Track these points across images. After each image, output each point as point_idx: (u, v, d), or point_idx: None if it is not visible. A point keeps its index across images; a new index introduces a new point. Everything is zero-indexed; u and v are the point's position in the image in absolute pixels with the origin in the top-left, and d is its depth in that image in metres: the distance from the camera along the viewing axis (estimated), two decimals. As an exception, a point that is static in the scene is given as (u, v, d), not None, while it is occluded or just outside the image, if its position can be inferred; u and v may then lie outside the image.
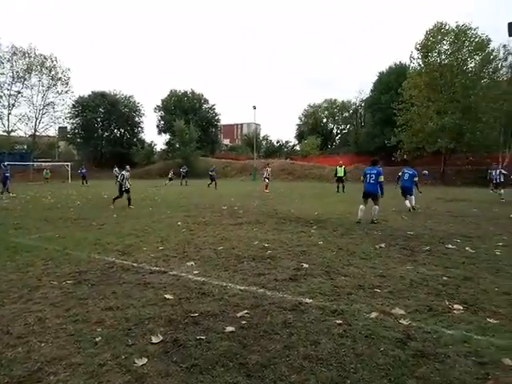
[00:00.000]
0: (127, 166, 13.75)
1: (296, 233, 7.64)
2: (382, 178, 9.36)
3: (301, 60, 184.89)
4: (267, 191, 20.76)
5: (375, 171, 9.46)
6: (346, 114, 69.19)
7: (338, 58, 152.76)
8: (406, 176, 12.77)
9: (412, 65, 36.95)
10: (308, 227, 8.35)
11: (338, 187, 21.90)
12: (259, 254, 5.68)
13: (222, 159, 51.87)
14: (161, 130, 59.87)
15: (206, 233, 7.57)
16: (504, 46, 35.23)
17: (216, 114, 61.28)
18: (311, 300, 3.67)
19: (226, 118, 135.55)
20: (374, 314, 3.28)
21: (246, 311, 3.36)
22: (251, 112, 69.13)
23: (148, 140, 61.57)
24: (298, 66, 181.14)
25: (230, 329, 2.99)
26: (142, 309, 3.44)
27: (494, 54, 32.91)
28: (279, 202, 14.48)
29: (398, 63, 46.50)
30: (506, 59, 35.12)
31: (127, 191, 12.73)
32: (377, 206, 9.32)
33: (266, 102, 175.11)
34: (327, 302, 3.61)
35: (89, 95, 54.30)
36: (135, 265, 5.06)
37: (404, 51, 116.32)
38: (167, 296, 3.76)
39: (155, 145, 60.45)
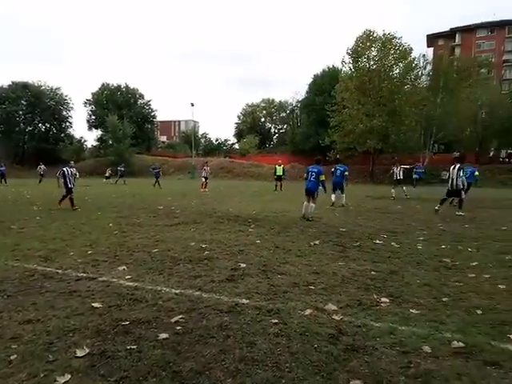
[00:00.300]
0: (71, 162, 12.56)
1: (234, 232, 7.62)
2: (322, 177, 9.69)
3: (239, 59, 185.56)
4: (206, 190, 20.57)
5: (316, 170, 9.79)
6: (283, 114, 70.90)
7: (275, 59, 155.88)
8: (338, 172, 13.43)
9: (344, 69, 38.95)
10: (246, 226, 8.38)
11: (276, 186, 22.34)
12: (196, 255, 5.57)
13: (158, 157, 50.34)
14: (92, 126, 56.56)
15: (139, 235, 7.26)
16: (423, 55, 38.51)
17: (152, 110, 59.40)
18: (248, 300, 3.67)
19: (162, 115, 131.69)
20: (308, 311, 3.36)
21: (180, 316, 3.25)
22: (189, 109, 68.10)
23: (77, 136, 57.76)
24: (237, 64, 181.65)
25: (163, 336, 2.87)
26: (65, 320, 3.17)
27: (415, 62, 35.78)
28: (218, 201, 14.39)
29: (331, 67, 48.55)
30: (425, 68, 38.38)
31: (71, 191, 11.58)
32: (313, 205, 9.63)
33: (204, 99, 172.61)
34: (264, 302, 3.63)
35: (9, 85, 49.57)
36: (60, 272, 4.67)
37: (337, 55, 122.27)
38: (95, 304, 3.52)
39: (85, 141, 57.06)
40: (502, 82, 56.91)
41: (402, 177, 17.43)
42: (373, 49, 35.08)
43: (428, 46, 72.29)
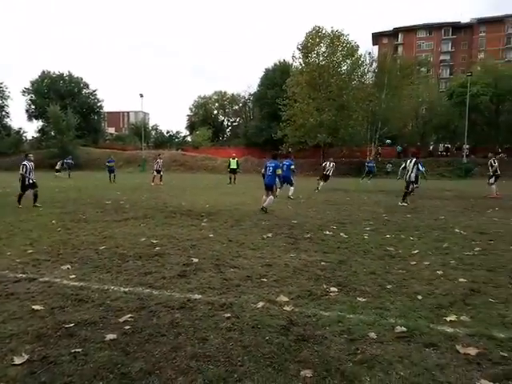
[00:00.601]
0: (30, 155, 11.25)
1: (186, 226, 7.50)
2: (279, 171, 10.00)
3: (191, 50, 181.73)
4: (161, 183, 20.11)
5: (273, 164, 10.05)
6: (236, 107, 70.71)
7: (227, 51, 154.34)
8: (285, 167, 13.67)
9: (294, 63, 39.57)
10: (199, 220, 8.28)
11: (230, 179, 22.29)
12: (146, 251, 5.40)
13: (106, 149, 48.17)
14: (32, 116, 52.77)
15: (85, 231, 6.91)
16: (369, 53, 40.08)
17: (98, 100, 56.59)
18: (200, 296, 3.62)
19: (110, 105, 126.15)
20: (260, 304, 3.39)
21: (129, 315, 3.14)
22: (138, 100, 65.73)
23: (15, 126, 53.65)
24: (188, 56, 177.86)
25: (111, 337, 2.75)
26: (1, 325, 2.94)
27: (361, 59, 37.18)
28: (170, 195, 14.07)
29: (282, 61, 49.05)
30: (371, 65, 40.00)
31: (33, 186, 10.59)
32: (271, 197, 9.86)
33: (154, 90, 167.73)
34: (216, 297, 3.61)
35: None
36: (-5, 273, 4.33)
37: (288, 50, 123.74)
38: (35, 307, 3.30)
39: (25, 132, 53.18)
40: (439, 81, 60.78)
41: (331, 173, 18.00)
42: (322, 45, 35.97)
43: (373, 44, 75.41)
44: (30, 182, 10.68)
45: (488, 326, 2.96)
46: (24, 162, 10.77)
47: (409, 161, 12.19)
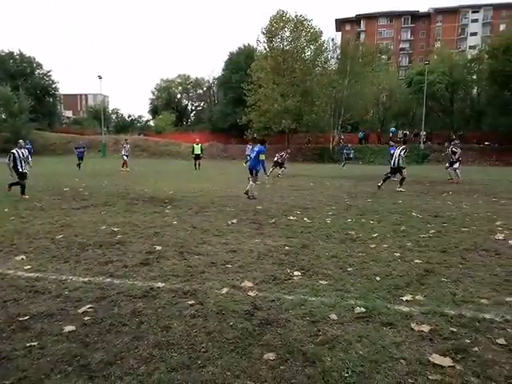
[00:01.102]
0: (20, 141, 10.29)
1: (149, 214, 7.34)
2: (262, 157, 10.01)
3: (152, 31, 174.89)
4: (127, 169, 19.48)
5: (257, 149, 10.17)
6: (201, 91, 69.33)
7: (190, 32, 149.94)
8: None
9: (259, 48, 39.16)
10: (162, 207, 8.12)
11: (195, 164, 21.98)
12: (107, 239, 5.24)
13: (63, 133, 45.94)
14: (-21, 98, 48.99)
15: (41, 220, 6.59)
16: (332, 39, 40.43)
17: (53, 82, 53.44)
18: (163, 284, 3.58)
19: (67, 87, 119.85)
20: (225, 290, 3.39)
21: (89, 306, 3.05)
22: (97, 82, 62.83)
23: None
24: (150, 37, 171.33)
25: (69, 328, 2.66)
26: None
27: (325, 45, 37.41)
28: (132, 181, 13.69)
29: (246, 45, 48.45)
30: (334, 51, 40.40)
31: (23, 176, 9.74)
32: (252, 183, 9.89)
33: (114, 72, 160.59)
34: (180, 284, 3.57)
35: None
36: None
37: (252, 33, 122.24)
38: (-14, 301, 3.12)
39: (-30, 115, 49.46)
40: (399, 69, 62.46)
41: (282, 160, 18.32)
42: (286, 29, 35.77)
43: (337, 31, 76.03)
44: (23, 171, 9.86)
45: (440, 304, 3.14)
46: (13, 150, 9.89)
47: (397, 147, 12.59)
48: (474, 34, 69.91)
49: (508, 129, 35.55)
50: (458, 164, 15.03)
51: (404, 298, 3.24)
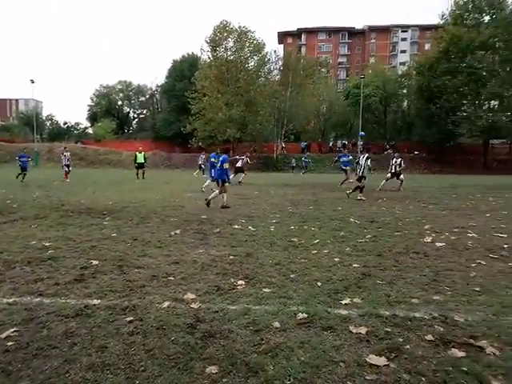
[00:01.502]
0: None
1: (86, 226, 6.92)
2: (226, 165, 10.04)
3: (91, 35, 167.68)
4: (67, 180, 18.30)
5: (221, 158, 10.15)
6: (143, 99, 67.57)
7: (131, 38, 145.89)
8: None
9: (203, 56, 39.29)
10: (100, 219, 7.72)
11: (137, 174, 21.28)
12: (37, 255, 4.85)
13: (-12, 141, 42.17)
14: None
15: (-40, 236, 5.95)
16: (275, 51, 41.61)
17: (-24, 85, 49.01)
18: (100, 300, 3.38)
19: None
20: (166, 304, 3.28)
21: (14, 329, 2.78)
22: (29, 86, 58.57)
23: None
24: (88, 41, 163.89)
25: (-11, 357, 2.41)
26: None
27: (268, 56, 38.42)
28: (67, 192, 12.87)
29: (190, 53, 48.25)
30: (276, 63, 41.58)
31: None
32: (224, 193, 9.93)
33: (49, 76, 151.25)
34: (118, 300, 3.40)
35: None
36: None
37: (196, 42, 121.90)
38: None
39: None
40: (337, 82, 65.78)
41: (241, 164, 18.86)
42: (230, 39, 36.27)
43: (279, 43, 78.42)
44: None
45: (376, 305, 3.29)
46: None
47: (361, 156, 12.64)
48: (404, 51, 75.82)
49: (434, 139, 38.71)
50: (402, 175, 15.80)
51: (343, 302, 3.36)
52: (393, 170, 15.66)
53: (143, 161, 22.00)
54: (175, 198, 11.76)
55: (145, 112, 67.33)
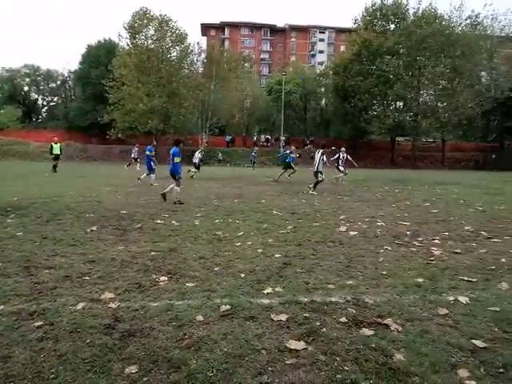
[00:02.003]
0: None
1: (-16, 225, 6.17)
2: (177, 159, 9.54)
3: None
4: None
5: (171, 152, 9.64)
6: (54, 85, 61.80)
7: (38, 17, 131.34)
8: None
9: (121, 43, 37.18)
10: (4, 216, 6.93)
11: (55, 166, 19.61)
12: None
13: None
14: None
15: None
16: (198, 43, 41.04)
17: None
18: (2, 306, 3.04)
19: None
20: (81, 305, 3.07)
21: None
22: None
23: None
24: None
25: None
26: None
27: (190, 48, 37.68)
28: (-40, 188, 11.31)
29: (107, 39, 45.32)
30: (200, 55, 41.03)
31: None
32: (177, 187, 9.52)
33: None
34: (24, 304, 3.09)
35: None
36: None
37: (114, 27, 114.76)
38: None
39: None
40: (260, 77, 67.05)
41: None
42: (150, 27, 34.81)
43: (202, 35, 77.34)
44: None
45: (296, 293, 3.45)
46: None
47: (316, 152, 12.87)
48: (322, 51, 79.81)
49: (349, 136, 41.58)
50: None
51: (265, 291, 3.46)
52: (342, 165, 16.61)
53: (59, 152, 20.38)
54: (91, 192, 11.02)
55: (56, 99, 61.64)
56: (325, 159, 12.87)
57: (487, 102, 38.11)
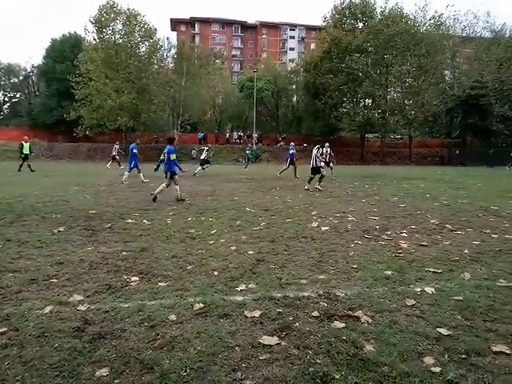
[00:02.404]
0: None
1: None
2: (173, 156, 9.56)
3: None
4: None
5: (166, 150, 9.64)
6: (15, 80, 59.12)
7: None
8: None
9: (87, 38, 36.03)
10: (-38, 219, 6.59)
11: (22, 166, 18.85)
12: None
13: None
14: None
15: None
16: (167, 38, 40.39)
17: None
18: (-39, 313, 2.90)
19: None
20: (48, 309, 2.97)
21: None
22: None
23: None
24: None
25: None
26: None
27: (160, 43, 36.97)
28: None
29: (73, 32, 43.77)
30: (170, 50, 40.36)
31: None
32: (176, 186, 9.61)
33: None
34: (-14, 311, 2.96)
35: None
36: None
37: (80, 21, 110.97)
38: None
39: None
40: (232, 74, 66.73)
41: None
42: (118, 22, 33.87)
43: (172, 30, 76.03)
44: None
45: (269, 289, 3.48)
46: None
47: (313, 148, 12.83)
48: (292, 49, 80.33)
49: (320, 132, 42.11)
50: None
51: (239, 288, 3.47)
52: (327, 160, 16.67)
53: (29, 151, 19.68)
54: (58, 192, 10.65)
55: (19, 96, 59.01)
56: (318, 154, 12.78)
57: (451, 99, 39.69)
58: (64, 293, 3.35)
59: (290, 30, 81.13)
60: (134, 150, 14.30)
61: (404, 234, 5.84)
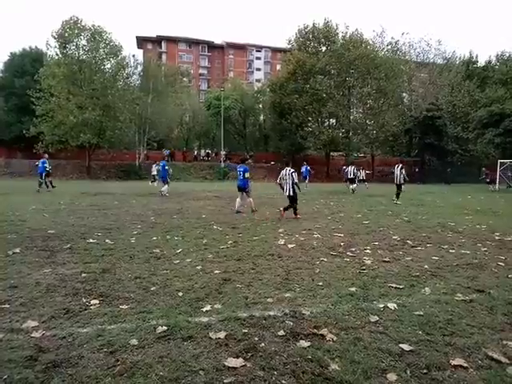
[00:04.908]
0: None
1: None
2: (247, 175, 10.73)
3: None
4: None
5: (242, 169, 10.79)
6: (-30, 94, 56.27)
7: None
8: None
9: (49, 52, 35.09)
10: None
11: None
12: None
13: None
14: None
15: None
16: (133, 55, 40.15)
17: None
18: None
19: None
20: (-2, 337, 2.78)
21: None
22: None
23: None
24: None
25: None
26: None
27: (126, 60, 36.68)
28: None
29: (33, 47, 42.55)
30: (136, 68, 40.12)
31: None
32: (250, 199, 11.05)
33: None
34: None
35: None
36: None
37: (40, 35, 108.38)
38: None
39: None
40: (200, 92, 67.07)
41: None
42: (82, 38, 33.32)
43: (138, 48, 75.80)
44: None
45: (235, 309, 3.43)
46: None
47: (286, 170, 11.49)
48: (259, 69, 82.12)
49: (287, 151, 42.84)
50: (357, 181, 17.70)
51: (204, 309, 3.40)
52: (361, 178, 17.70)
53: None
54: (14, 211, 10.11)
55: (-27, 110, 56.13)
56: (295, 178, 10.90)
57: (409, 120, 41.80)
58: (17, 319, 3.14)
59: (257, 51, 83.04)
60: (166, 167, 17.34)
61: (368, 251, 5.98)
